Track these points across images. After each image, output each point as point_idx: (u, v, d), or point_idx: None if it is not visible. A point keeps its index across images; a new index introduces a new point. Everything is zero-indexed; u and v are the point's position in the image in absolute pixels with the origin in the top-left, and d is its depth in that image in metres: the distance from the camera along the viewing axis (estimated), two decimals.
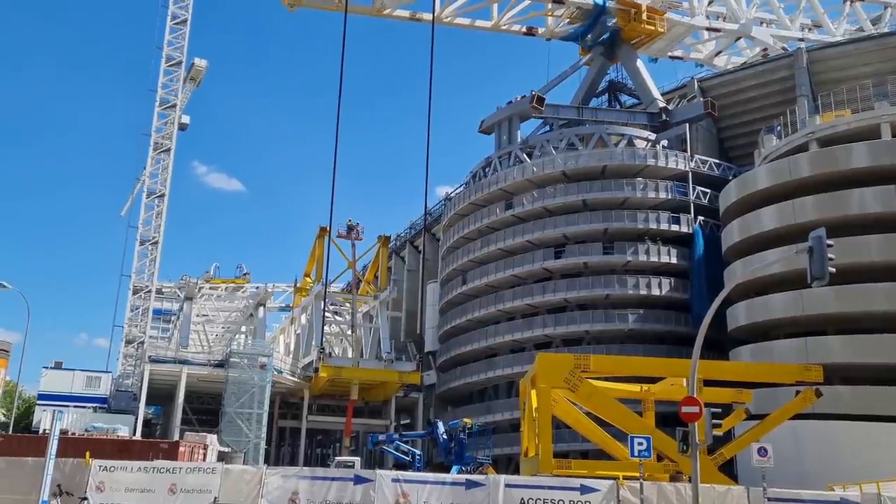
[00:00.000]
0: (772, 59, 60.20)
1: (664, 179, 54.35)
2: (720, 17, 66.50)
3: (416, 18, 62.15)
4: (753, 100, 58.71)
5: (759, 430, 29.32)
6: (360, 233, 60.20)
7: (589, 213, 54.22)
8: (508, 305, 56.70)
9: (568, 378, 27.74)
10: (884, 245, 39.40)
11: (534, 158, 58.58)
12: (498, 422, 53.61)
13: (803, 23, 68.74)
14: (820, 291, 35.96)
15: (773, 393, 35.43)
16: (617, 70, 69.20)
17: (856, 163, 41.48)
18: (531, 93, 59.75)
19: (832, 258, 18.13)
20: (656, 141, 57.85)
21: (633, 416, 29.32)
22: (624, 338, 52.49)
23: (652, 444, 21.47)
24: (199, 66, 77.23)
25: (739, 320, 45.47)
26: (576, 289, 53.70)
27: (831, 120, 44.63)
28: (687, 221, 53.24)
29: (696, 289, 50.75)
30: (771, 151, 47.58)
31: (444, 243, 67.25)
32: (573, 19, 64.05)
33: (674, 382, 31.31)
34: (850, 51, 55.56)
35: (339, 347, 74.41)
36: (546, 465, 26.66)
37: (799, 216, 41.42)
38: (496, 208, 59.03)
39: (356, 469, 30.48)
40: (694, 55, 71.83)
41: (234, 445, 45.53)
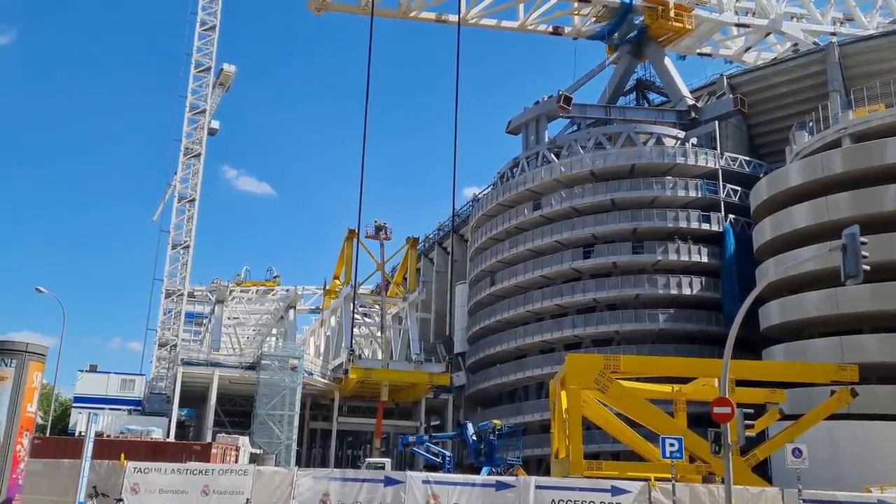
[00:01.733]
0: (803, 55, 59.27)
1: (693, 178, 53.80)
2: (749, 12, 65.60)
3: (442, 20, 62.27)
4: (784, 96, 57.89)
5: (794, 431, 28.87)
6: (388, 232, 60.42)
7: (618, 213, 53.87)
8: (537, 306, 56.52)
9: (598, 379, 27.58)
10: None
11: (561, 158, 58.36)
12: (528, 423, 53.47)
13: (834, 17, 67.52)
14: (855, 289, 35.37)
15: (808, 393, 34.88)
16: (644, 68, 68.66)
17: (890, 158, 40.70)
18: (558, 92, 59.56)
19: (866, 256, 17.81)
20: (685, 139, 57.31)
21: (664, 416, 29.05)
22: (654, 338, 52.05)
23: (684, 445, 21.26)
24: (227, 72, 78.16)
25: (772, 319, 44.84)
26: (605, 289, 53.38)
27: (864, 115, 43.84)
28: (717, 220, 52.65)
29: (728, 288, 50.14)
30: (803, 148, 46.86)
31: (472, 244, 67.26)
32: (599, 18, 63.69)
33: (705, 383, 30.95)
34: (883, 44, 54.47)
35: (368, 349, 74.82)
36: (577, 466, 26.54)
37: (832, 213, 40.76)
38: (524, 209, 58.90)
39: (387, 470, 30.65)
40: (723, 51, 70.93)
41: (265, 447, 46.00)
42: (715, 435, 19.21)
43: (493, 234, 61.41)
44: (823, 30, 65.10)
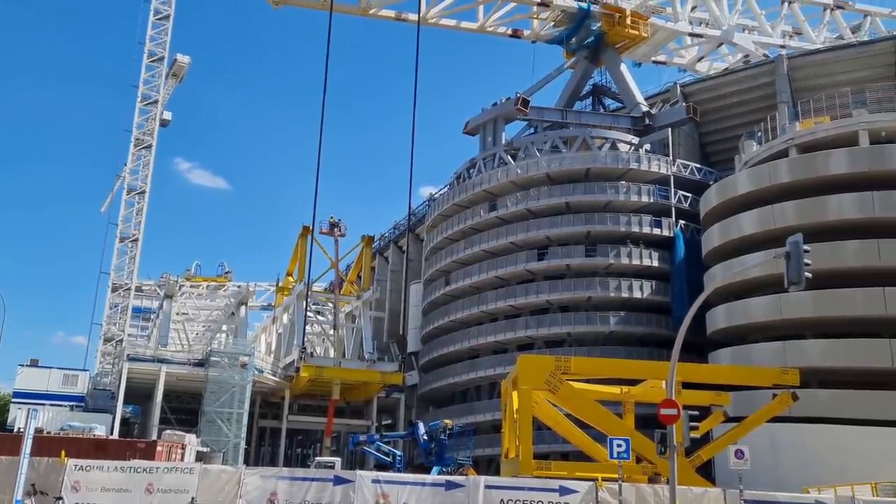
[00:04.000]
0: (753, 66, 60.83)
1: (646, 183, 54.72)
2: (703, 22, 67.10)
3: (402, 19, 62.18)
4: (735, 105, 59.28)
5: (737, 433, 29.55)
6: (342, 229, 60.11)
7: (572, 216, 54.47)
8: (491, 307, 56.81)
9: (549, 380, 27.84)
10: (861, 251, 39.92)
11: (518, 160, 58.76)
12: (479, 423, 53.70)
13: (784, 30, 69.54)
14: (798, 296, 36.33)
15: (751, 396, 35.74)
16: (601, 74, 69.57)
17: (834, 169, 41.99)
18: (516, 95, 59.97)
19: (809, 263, 18.33)
20: (639, 145, 58.25)
21: (612, 417, 29.47)
22: (605, 340, 52.77)
23: (631, 446, 21.60)
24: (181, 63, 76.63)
25: (719, 323, 45.85)
26: (558, 290, 53.93)
27: (811, 126, 45.16)
28: (668, 225, 53.64)
29: (677, 291, 51.13)
30: (751, 157, 48.05)
31: (427, 244, 67.28)
32: (558, 22, 64.35)
33: (653, 384, 31.50)
34: (829, 58, 56.27)
35: (321, 347, 74.22)
36: (526, 466, 26.74)
37: (778, 221, 41.84)
38: (480, 209, 59.15)
39: (336, 470, 30.43)
40: (677, 60, 72.42)
41: (213, 445, 45.27)
42: (661, 436, 19.57)
43: (449, 234, 61.51)
44: (773, 42, 66.94)
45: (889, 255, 39.30)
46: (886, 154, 41.51)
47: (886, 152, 41.61)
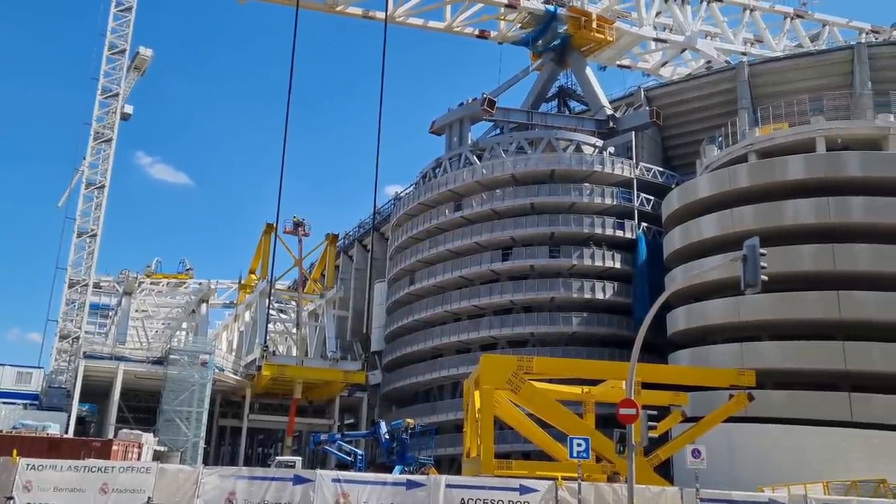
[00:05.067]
0: (715, 72, 61.85)
1: (610, 185, 55.31)
2: (667, 28, 68.09)
3: (369, 16, 61.98)
4: (697, 110, 60.22)
5: (694, 433, 30.03)
6: (307, 229, 59.69)
7: (536, 217, 54.83)
8: (455, 306, 56.92)
9: (511, 379, 27.98)
10: (816, 255, 40.84)
11: (483, 161, 58.98)
12: (442, 422, 53.78)
13: (746, 37, 70.87)
14: (755, 298, 37.03)
15: (709, 396, 36.34)
16: (567, 76, 70.16)
17: (791, 174, 42.91)
18: (482, 95, 60.18)
19: (765, 266, 18.71)
20: (603, 147, 58.86)
21: (573, 417, 29.72)
22: (568, 340, 53.23)
23: (591, 446, 21.81)
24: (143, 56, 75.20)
25: (678, 325, 46.54)
26: (522, 291, 54.25)
27: (770, 132, 46.10)
28: (631, 227, 54.29)
29: (639, 293, 51.77)
30: (712, 161, 48.87)
31: (392, 243, 67.17)
32: (525, 24, 64.72)
33: (614, 385, 31.84)
34: (788, 66, 57.49)
35: (283, 346, 73.61)
36: (487, 465, 26.84)
37: (737, 225, 42.60)
38: (445, 209, 59.22)
39: (297, 469, 30.18)
40: (641, 64, 73.36)
41: (171, 444, 44.63)
42: (620, 435, 19.79)
43: (414, 233, 61.48)
44: (735, 49, 68.17)
45: (843, 260, 40.29)
46: (842, 161, 42.54)
47: (842, 159, 42.64)
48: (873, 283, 39.63)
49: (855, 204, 41.08)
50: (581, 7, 63.44)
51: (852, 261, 40.27)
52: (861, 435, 36.98)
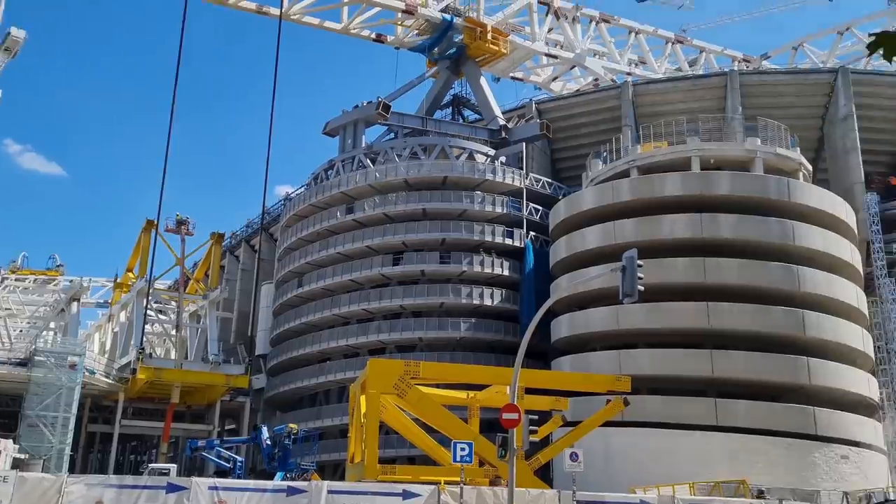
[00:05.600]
0: (602, 89, 64.49)
1: (501, 194, 56.44)
2: (558, 44, 70.39)
3: (263, 12, 60.61)
4: (584, 125, 62.53)
5: (572, 437, 30.99)
6: (190, 228, 57.49)
7: (428, 223, 55.19)
8: (344, 310, 56.39)
9: (398, 384, 27.98)
10: (689, 267, 43.19)
11: (377, 164, 58.84)
12: (327, 427, 53.09)
13: (631, 58, 74.37)
14: (633, 308, 38.74)
15: (588, 401, 37.64)
16: (461, 85, 71.14)
17: (669, 191, 45.23)
18: (378, 99, 60.03)
19: (642, 277, 19.63)
20: (495, 157, 59.99)
21: (458, 422, 30.04)
22: (456, 345, 53.79)
23: (474, 450, 22.13)
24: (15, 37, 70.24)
25: (562, 332, 48.01)
26: (412, 296, 54.43)
27: (650, 150, 48.47)
28: (520, 236, 55.57)
29: (526, 300, 53.02)
30: (597, 175, 50.82)
31: (281, 244, 65.80)
32: (422, 31, 65.16)
33: (498, 390, 32.41)
34: (668, 88, 60.72)
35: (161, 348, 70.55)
36: (371, 470, 26.70)
37: (619, 237, 44.46)
38: (337, 212, 58.62)
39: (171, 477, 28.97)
40: (533, 78, 75.47)
41: (33, 451, 41.76)
42: (502, 440, 20.19)
43: (304, 234, 60.49)
44: (621, 69, 71.35)
45: (713, 273, 42.81)
46: (714, 180, 45.25)
47: (714, 178, 45.36)
48: (739, 296, 42.32)
49: (724, 221, 43.75)
50: (477, 18, 64.52)
51: (721, 274, 42.84)
52: (725, 438, 39.39)
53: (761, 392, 41.67)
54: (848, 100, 54.68)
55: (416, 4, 62.04)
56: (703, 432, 39.75)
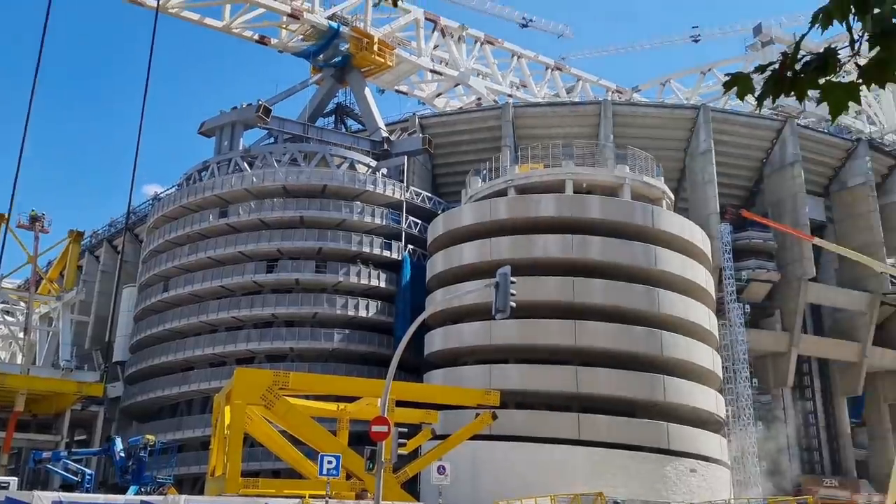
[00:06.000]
0: (484, 109, 65.99)
1: (380, 206, 56.36)
2: (444, 62, 71.45)
3: (138, 2, 57.84)
4: (465, 142, 63.63)
5: (440, 450, 31.18)
6: (45, 224, 53.76)
7: (305, 231, 54.27)
8: (213, 317, 54.32)
9: (265, 395, 27.19)
10: (560, 286, 44.74)
11: (254, 169, 57.30)
12: (188, 439, 50.83)
13: (513, 81, 76.60)
14: (505, 323, 39.69)
15: (458, 415, 38.09)
16: (346, 94, 70.70)
17: (543, 212, 46.76)
18: (258, 102, 58.59)
19: (514, 294, 20.11)
20: (377, 168, 59.91)
21: (326, 434, 29.55)
22: (328, 356, 53.01)
23: (341, 463, 21.82)
24: None
25: (435, 345, 48.38)
26: (285, 305, 53.21)
27: (527, 171, 50.00)
28: (398, 248, 55.64)
29: (401, 313, 53.07)
30: (476, 192, 51.81)
31: (147, 246, 62.65)
32: (307, 37, 64.30)
33: (369, 402, 32.17)
34: (547, 112, 62.98)
35: (6, 352, 65.31)
36: (233, 484, 25.73)
37: (494, 254, 45.42)
38: (209, 215, 56.51)
39: (10, 491, 26.77)
40: (417, 93, 76.19)
41: None
42: (370, 452, 20.02)
43: (173, 237, 57.88)
44: (503, 90, 73.33)
45: (581, 293, 44.56)
46: (585, 203, 47.22)
47: (586, 202, 47.33)
48: (605, 315, 44.24)
49: (594, 243, 45.69)
50: (364, 29, 64.42)
51: (588, 294, 44.65)
52: (586, 452, 40.93)
53: (621, 408, 43.65)
54: (708, 135, 58.61)
55: (302, 10, 61.20)
56: (566, 446, 41.10)
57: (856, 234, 60.51)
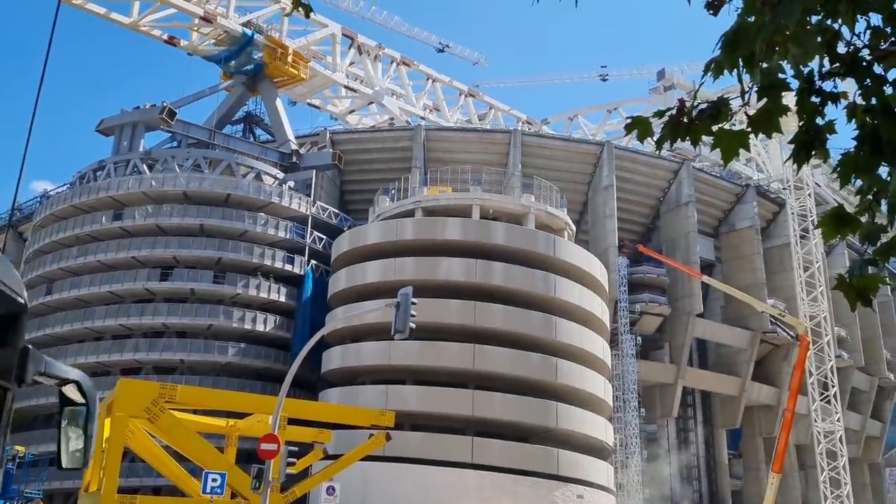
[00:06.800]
0: (396, 129, 66.22)
1: (285, 219, 55.37)
2: (358, 79, 71.38)
3: None
4: (376, 161, 63.56)
5: (331, 470, 30.57)
6: None
7: (204, 239, 52.61)
8: (98, 324, 51.71)
9: (150, 408, 25.93)
10: (461, 310, 45.08)
11: (154, 172, 55.24)
12: None
13: (426, 103, 77.37)
14: (406, 344, 39.61)
15: (353, 435, 37.48)
16: (256, 103, 69.39)
17: (449, 235, 47.18)
18: (163, 103, 56.67)
19: (415, 315, 20.12)
20: (284, 180, 58.88)
21: (213, 451, 28.42)
22: (221, 370, 51.37)
23: (227, 481, 21.07)
24: None
25: (333, 364, 47.72)
26: (178, 315, 51.26)
27: (436, 193, 50.39)
28: (300, 263, 54.73)
29: (300, 329, 52.10)
30: (384, 211, 51.74)
31: (31, 245, 59.14)
32: (219, 41, 62.84)
33: (260, 419, 31.21)
34: (458, 137, 63.88)
35: None
36: (108, 500, 24.31)
37: (399, 274, 45.34)
38: (102, 217, 53.98)
39: None
40: (330, 108, 75.72)
41: None
42: (257, 471, 19.47)
43: (61, 237, 54.89)
44: (416, 112, 73.90)
45: (482, 317, 45.04)
46: (490, 229, 47.94)
47: (491, 228, 48.06)
48: (503, 340, 44.87)
49: (497, 269, 46.37)
50: (279, 39, 63.57)
51: (489, 318, 45.19)
52: (478, 475, 41.20)
53: (515, 433, 44.23)
54: (610, 171, 60.82)
55: (215, 14, 59.83)
56: (459, 469, 41.23)
57: (741, 274, 63.95)
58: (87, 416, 4.77)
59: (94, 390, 4.78)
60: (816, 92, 3.22)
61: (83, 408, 4.75)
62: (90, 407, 4.75)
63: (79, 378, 4.65)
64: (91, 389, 4.67)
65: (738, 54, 3.16)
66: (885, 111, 3.09)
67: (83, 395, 4.71)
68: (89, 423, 4.79)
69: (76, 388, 4.67)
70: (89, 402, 4.73)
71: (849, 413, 64.72)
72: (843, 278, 3.32)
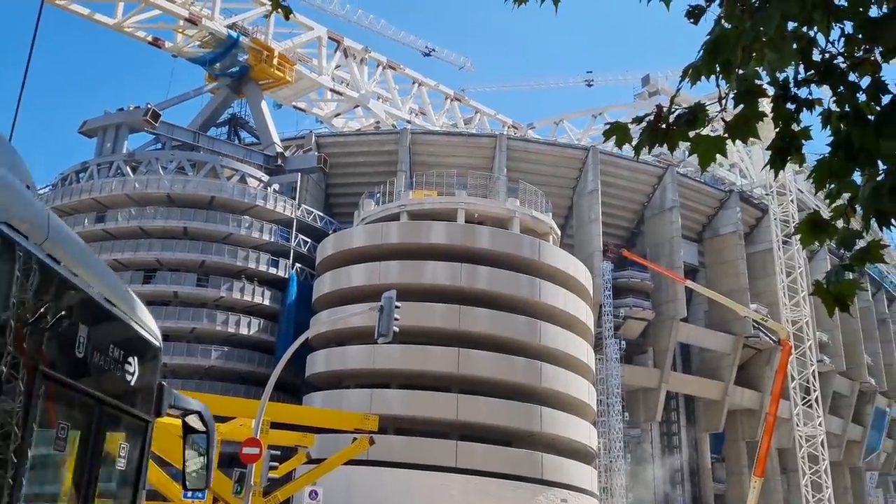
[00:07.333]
0: (382, 132, 66.14)
1: (270, 222, 55.13)
2: (344, 82, 71.23)
3: None
4: (361, 164, 63.43)
5: (314, 474, 30.45)
6: None
7: (188, 242, 52.30)
8: None
9: None
10: (446, 314, 45.04)
11: (138, 174, 54.86)
12: None
13: (412, 107, 77.34)
14: (390, 348, 39.47)
15: (336, 439, 37.30)
16: (241, 105, 69.09)
17: (434, 239, 47.15)
18: (147, 105, 56.33)
19: (398, 319, 20.07)
20: (269, 183, 58.63)
21: None
22: (204, 374, 51.04)
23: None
24: None
25: (317, 367, 47.53)
26: (161, 318, 50.68)
27: (421, 197, 50.35)
28: (285, 266, 54.50)
29: (284, 332, 51.84)
30: (369, 214, 51.65)
31: None
32: (204, 43, 62.57)
33: (243, 423, 30.91)
34: (443, 141, 63.86)
35: None
36: None
37: (383, 278, 45.22)
38: (84, 219, 53.56)
39: None
40: (316, 111, 75.50)
41: None
42: (239, 475, 19.34)
43: None
44: (402, 116, 73.84)
45: (467, 321, 45.02)
46: (476, 233, 47.96)
47: (476, 232, 48.09)
48: (488, 344, 44.86)
49: (481, 273, 46.38)
50: (264, 41, 63.37)
51: (474, 322, 45.18)
52: (462, 479, 41.14)
53: (499, 437, 44.20)
54: (595, 176, 61.03)
55: (200, 16, 59.57)
56: (443, 473, 41.15)
57: (724, 279, 64.34)
58: (208, 441, 5.50)
59: (213, 420, 5.51)
60: (792, 99, 3.25)
61: (203, 435, 5.45)
62: (210, 434, 5.48)
63: (201, 409, 5.37)
64: (211, 420, 5.39)
65: (717, 60, 3.19)
66: (858, 118, 3.12)
67: (204, 424, 5.40)
68: (210, 448, 5.52)
69: (198, 418, 5.37)
70: (209, 430, 5.47)
71: (830, 417, 65.22)
72: (821, 284, 3.34)
